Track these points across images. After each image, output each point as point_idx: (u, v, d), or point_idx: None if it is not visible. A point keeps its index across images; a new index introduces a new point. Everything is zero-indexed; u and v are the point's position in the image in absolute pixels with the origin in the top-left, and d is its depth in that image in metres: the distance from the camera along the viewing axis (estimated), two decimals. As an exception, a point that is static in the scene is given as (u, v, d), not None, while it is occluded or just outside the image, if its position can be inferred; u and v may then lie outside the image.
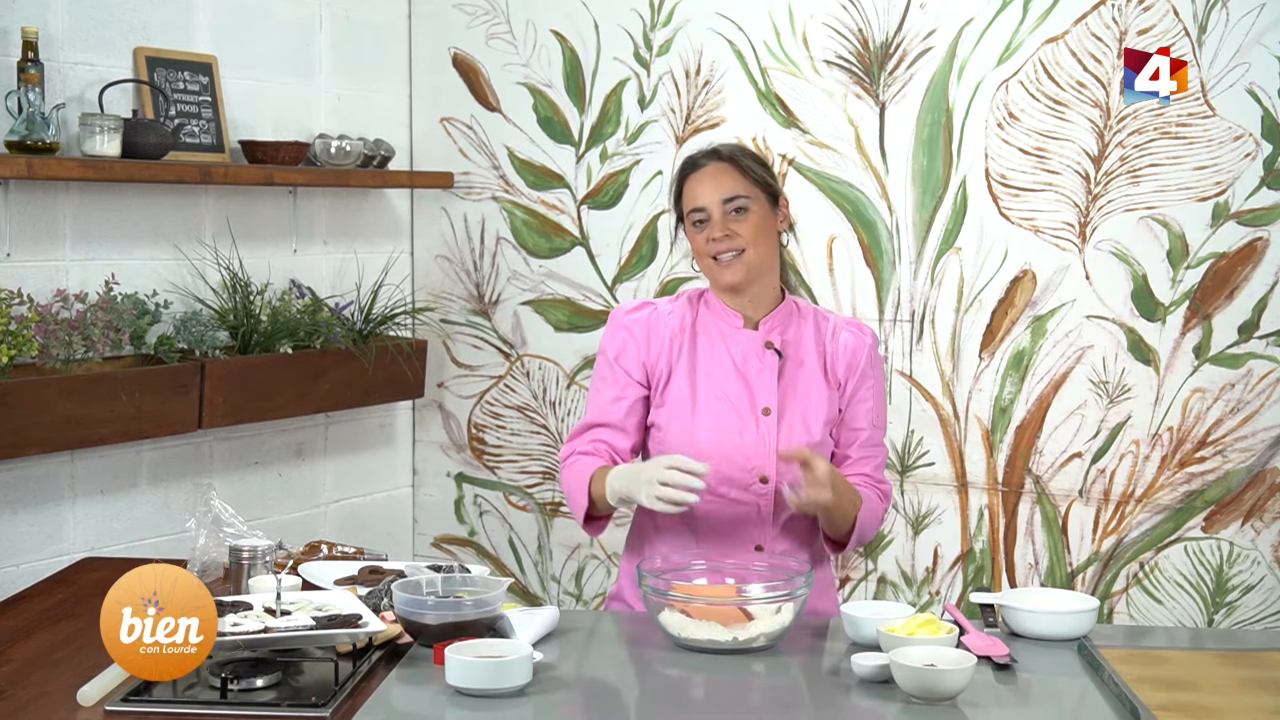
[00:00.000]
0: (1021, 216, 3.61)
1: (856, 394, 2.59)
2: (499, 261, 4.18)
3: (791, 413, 2.54)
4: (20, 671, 2.19)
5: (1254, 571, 3.49)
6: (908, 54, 3.67)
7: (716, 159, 2.55)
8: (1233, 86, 3.40)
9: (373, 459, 4.20)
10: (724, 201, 2.50)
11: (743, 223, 2.50)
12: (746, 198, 2.51)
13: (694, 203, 2.53)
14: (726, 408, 2.53)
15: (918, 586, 3.78)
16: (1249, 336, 3.46)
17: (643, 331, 2.58)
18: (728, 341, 2.57)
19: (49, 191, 3.31)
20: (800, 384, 2.55)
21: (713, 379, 2.55)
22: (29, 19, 3.23)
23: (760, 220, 2.52)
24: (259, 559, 2.56)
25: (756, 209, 2.52)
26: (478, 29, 4.13)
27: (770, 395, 2.53)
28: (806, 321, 2.61)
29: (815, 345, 2.58)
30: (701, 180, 2.53)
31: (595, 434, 2.59)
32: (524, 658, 2.07)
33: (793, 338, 2.57)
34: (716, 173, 2.53)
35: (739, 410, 2.53)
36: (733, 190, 2.51)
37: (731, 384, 2.54)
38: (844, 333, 2.60)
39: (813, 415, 2.54)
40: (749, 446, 2.51)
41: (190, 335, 3.47)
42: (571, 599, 4.17)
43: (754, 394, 2.53)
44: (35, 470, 3.30)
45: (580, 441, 2.60)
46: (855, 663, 2.13)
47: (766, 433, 2.52)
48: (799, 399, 2.55)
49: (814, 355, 2.57)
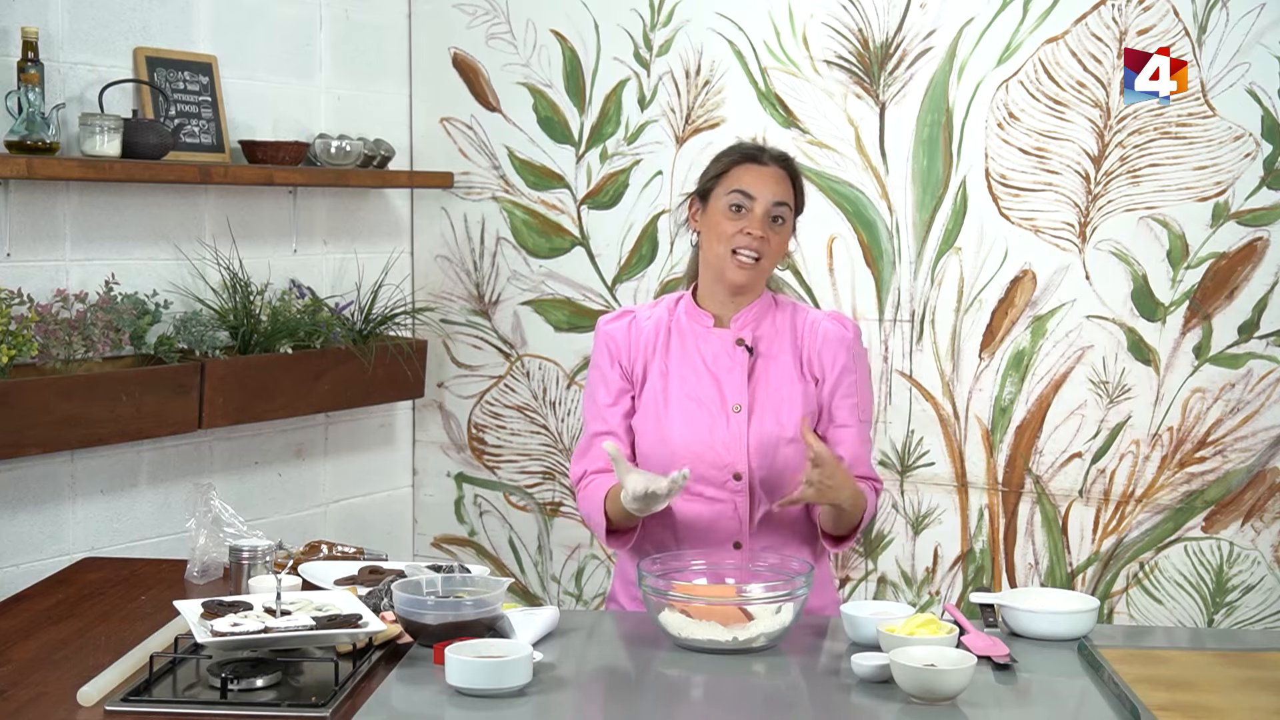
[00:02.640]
0: (1021, 216, 3.61)
1: (839, 388, 2.58)
2: (499, 261, 4.18)
3: (762, 408, 2.53)
4: (20, 671, 2.19)
5: (1254, 571, 3.49)
6: (908, 54, 3.67)
7: (782, 165, 2.58)
8: (1233, 86, 3.40)
9: (373, 459, 4.20)
10: (774, 204, 2.53)
11: (776, 233, 2.54)
12: (788, 208, 2.56)
13: (745, 186, 2.53)
14: (697, 407, 2.54)
15: (918, 586, 3.78)
16: (1249, 336, 3.46)
17: (622, 340, 2.61)
18: (700, 342, 2.58)
19: (49, 191, 3.31)
20: (772, 379, 2.55)
21: (684, 379, 2.56)
22: (29, 19, 3.23)
23: (787, 237, 2.58)
24: (259, 559, 2.56)
25: (788, 226, 2.58)
26: (478, 29, 4.13)
27: (740, 392, 2.54)
28: (783, 316, 2.61)
29: (790, 340, 2.58)
30: (762, 175, 2.55)
31: (597, 447, 2.58)
32: (524, 658, 2.07)
33: (765, 333, 2.58)
34: (779, 176, 2.56)
35: (709, 409, 2.54)
36: (784, 196, 2.55)
37: (703, 383, 2.55)
38: (824, 324, 2.60)
39: (785, 410, 2.54)
40: (720, 444, 2.52)
41: (190, 335, 3.46)
42: (571, 599, 4.17)
43: (724, 392, 2.54)
44: (35, 470, 3.30)
45: (589, 460, 2.61)
46: (855, 663, 2.13)
47: (737, 430, 2.52)
48: (770, 394, 2.54)
49: (788, 350, 2.57)
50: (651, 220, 3.99)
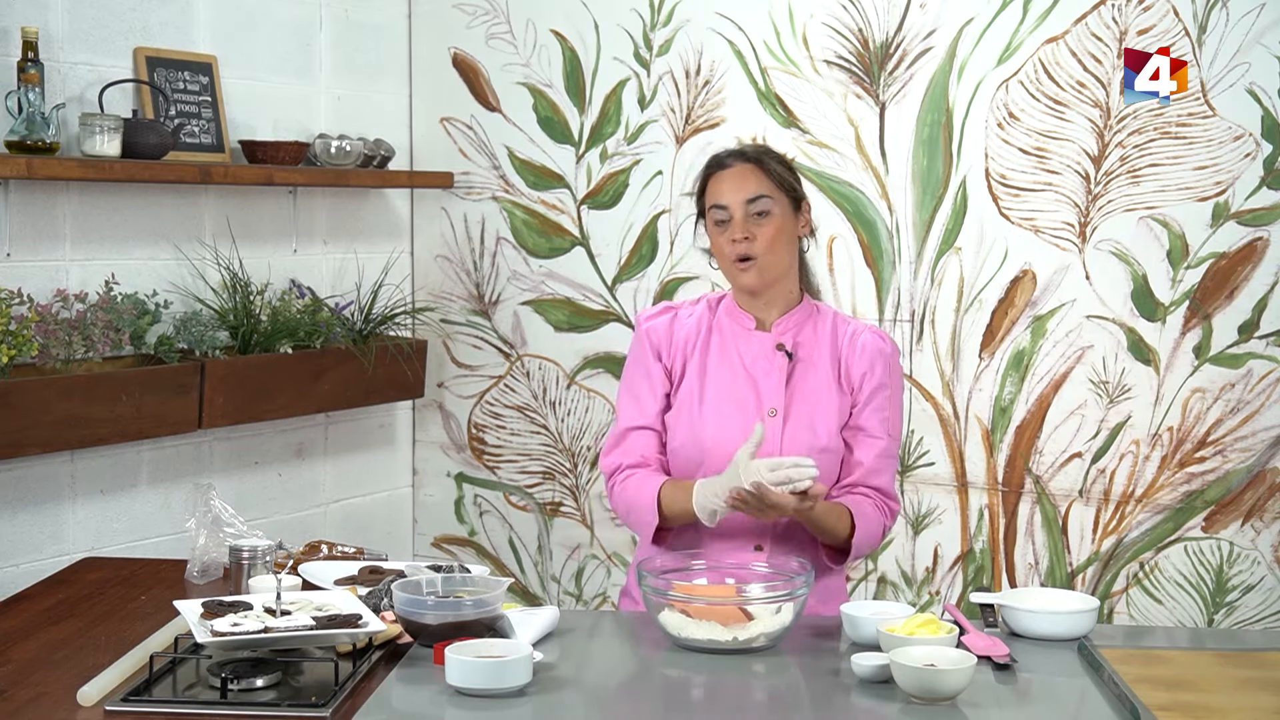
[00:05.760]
0: (1021, 216, 3.61)
1: (872, 401, 2.55)
2: (499, 261, 4.18)
3: (798, 415, 2.53)
4: (20, 671, 2.19)
5: (1254, 571, 3.49)
6: (908, 54, 3.67)
7: (743, 159, 2.55)
8: (1233, 86, 3.40)
9: (373, 459, 4.20)
10: (747, 202, 2.51)
11: (763, 226, 2.51)
12: (769, 198, 2.52)
13: (717, 199, 2.54)
14: (733, 409, 2.53)
15: (918, 586, 3.78)
16: (1249, 336, 3.46)
17: (664, 335, 2.60)
18: (740, 343, 2.57)
19: (49, 191, 3.31)
20: (810, 386, 2.54)
21: (721, 380, 2.55)
22: (29, 19, 3.23)
23: (781, 224, 2.53)
24: (259, 559, 2.56)
25: (778, 212, 2.53)
26: (478, 29, 4.13)
27: (777, 397, 2.53)
28: (824, 325, 2.59)
29: (830, 349, 2.57)
30: (726, 179, 2.54)
31: (632, 440, 2.59)
32: (524, 658, 2.07)
33: (806, 340, 2.56)
34: (742, 173, 2.53)
35: (745, 411, 2.52)
36: (756, 190, 2.52)
37: (740, 385, 2.54)
38: (863, 336, 2.58)
39: (820, 418, 2.53)
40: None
41: (190, 335, 3.46)
42: (571, 599, 4.17)
43: (761, 395, 2.53)
44: (35, 470, 3.30)
45: (621, 453, 2.60)
46: (855, 663, 2.13)
47: (772, 434, 2.51)
48: (807, 401, 2.54)
49: (827, 359, 2.56)
50: (651, 220, 3.99)
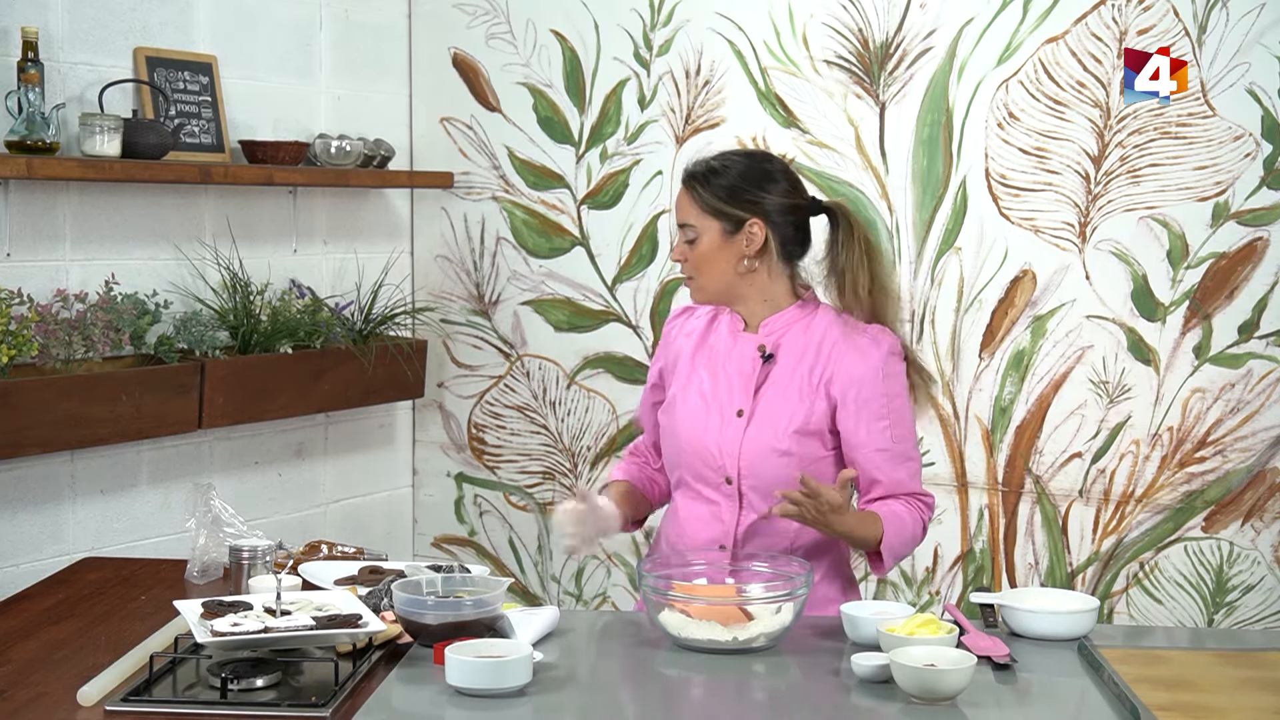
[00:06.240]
0: (1021, 216, 3.61)
1: (864, 412, 2.48)
2: (499, 261, 4.18)
3: (761, 416, 2.50)
4: (20, 671, 2.19)
5: (1254, 571, 3.49)
6: (908, 54, 3.67)
7: (686, 181, 2.55)
8: (1233, 86, 3.41)
9: (373, 459, 4.20)
10: (680, 227, 2.55)
11: (692, 250, 2.53)
12: (693, 227, 2.52)
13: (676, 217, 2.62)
14: (705, 407, 2.55)
15: (918, 586, 3.78)
16: (1249, 336, 3.46)
17: (667, 335, 2.70)
18: (728, 344, 2.58)
19: (49, 191, 3.31)
20: (779, 389, 2.51)
21: (702, 379, 2.57)
22: (29, 19, 3.23)
23: (706, 250, 2.51)
24: (259, 559, 2.56)
25: (706, 239, 2.51)
26: (478, 29, 4.13)
27: (745, 398, 2.52)
28: (817, 328, 2.53)
29: (814, 353, 2.51)
30: (677, 200, 2.58)
31: (640, 439, 2.79)
32: (524, 658, 2.07)
33: (791, 342, 2.53)
34: (681, 196, 2.56)
35: (716, 409, 2.53)
36: (682, 218, 2.55)
37: (718, 385, 2.56)
38: (853, 340, 2.50)
39: (782, 422, 2.49)
40: (714, 446, 2.52)
41: (190, 335, 3.46)
42: (571, 599, 4.17)
43: (733, 395, 2.54)
44: (35, 470, 3.30)
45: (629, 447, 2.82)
46: (855, 663, 2.13)
47: (734, 434, 2.51)
48: (774, 403, 2.50)
49: (807, 363, 2.50)
50: (651, 220, 3.99)
